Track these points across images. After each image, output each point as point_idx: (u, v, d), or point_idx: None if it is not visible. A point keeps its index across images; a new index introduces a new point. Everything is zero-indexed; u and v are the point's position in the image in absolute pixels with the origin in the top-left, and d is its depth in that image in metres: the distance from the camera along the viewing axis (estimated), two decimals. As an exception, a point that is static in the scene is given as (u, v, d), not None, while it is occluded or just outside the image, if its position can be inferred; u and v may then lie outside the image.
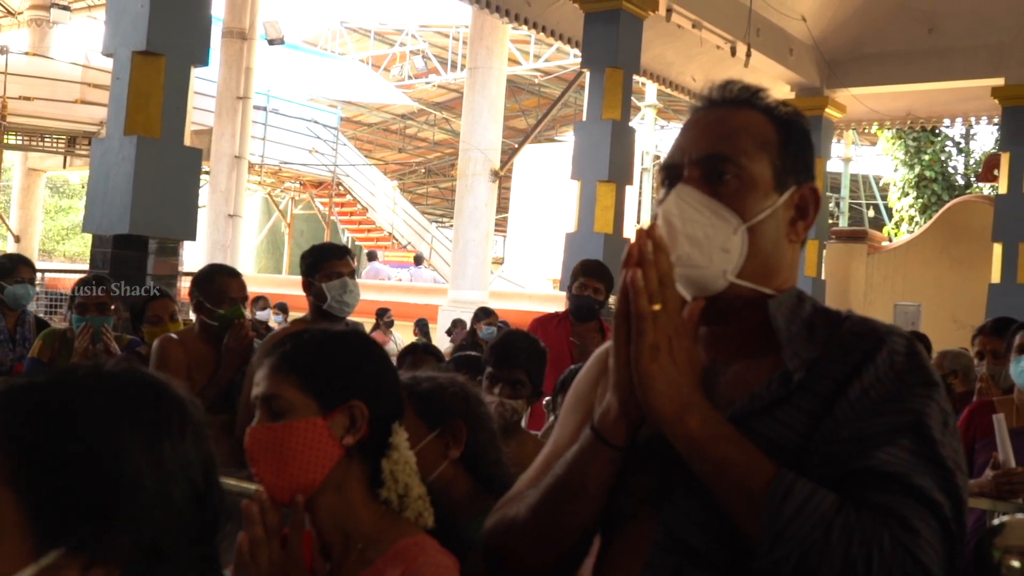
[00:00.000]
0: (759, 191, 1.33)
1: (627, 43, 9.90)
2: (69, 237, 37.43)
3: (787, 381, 1.27)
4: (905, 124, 16.00)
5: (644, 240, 1.24)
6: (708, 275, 1.31)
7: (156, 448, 0.96)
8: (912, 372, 1.24)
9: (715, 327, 1.39)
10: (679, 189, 1.34)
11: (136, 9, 6.10)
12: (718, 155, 1.34)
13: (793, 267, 1.40)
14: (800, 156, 1.39)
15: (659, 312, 1.23)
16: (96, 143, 6.44)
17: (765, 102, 1.40)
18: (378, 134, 31.65)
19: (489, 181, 14.35)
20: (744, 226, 1.32)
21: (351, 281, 3.94)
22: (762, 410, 1.27)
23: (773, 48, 12.49)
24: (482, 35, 14.51)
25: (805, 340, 1.31)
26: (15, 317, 5.12)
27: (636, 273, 1.22)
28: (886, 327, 1.29)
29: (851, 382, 1.24)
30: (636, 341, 1.23)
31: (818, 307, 1.38)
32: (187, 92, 6.36)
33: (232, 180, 16.60)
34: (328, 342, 1.69)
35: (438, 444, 2.03)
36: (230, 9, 16.63)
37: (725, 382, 1.34)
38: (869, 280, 15.06)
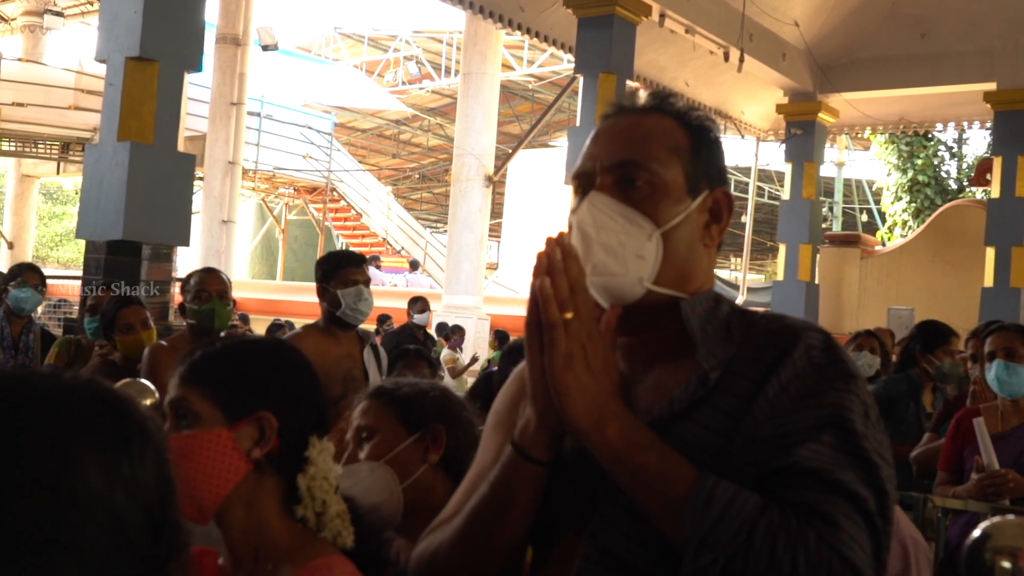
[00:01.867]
0: (672, 196, 1.32)
1: (620, 49, 9.92)
2: (63, 243, 37.37)
3: (704, 382, 1.25)
4: (898, 129, 16.05)
5: (553, 248, 1.21)
6: (625, 283, 1.30)
7: (113, 468, 0.86)
8: (830, 366, 1.22)
9: (633, 336, 1.36)
10: (592, 197, 1.32)
11: (129, 15, 6.10)
12: (629, 161, 1.32)
13: (709, 271, 1.39)
14: (712, 160, 1.38)
15: (571, 320, 1.20)
16: (90, 149, 6.45)
17: (676, 107, 1.40)
18: (372, 139, 31.66)
19: (483, 186, 14.37)
20: (658, 232, 1.30)
21: (366, 289, 3.94)
22: (681, 414, 1.24)
23: (766, 53, 12.53)
24: (476, 40, 14.53)
25: (721, 340, 1.29)
26: (21, 325, 5.09)
27: (544, 282, 1.19)
28: (802, 323, 1.28)
29: (768, 380, 1.22)
30: (549, 351, 1.20)
31: (736, 308, 1.36)
32: (180, 98, 6.37)
33: (226, 186, 16.61)
34: (238, 351, 1.63)
35: (417, 448, 2.02)
36: (224, 15, 16.64)
37: (644, 389, 1.31)
38: (863, 284, 15.09)
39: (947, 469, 4.10)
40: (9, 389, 0.86)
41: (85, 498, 0.83)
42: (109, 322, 4.36)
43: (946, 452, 4.12)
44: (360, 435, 2.06)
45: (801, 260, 14.07)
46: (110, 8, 6.31)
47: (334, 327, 3.93)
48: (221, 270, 4.42)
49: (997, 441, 3.75)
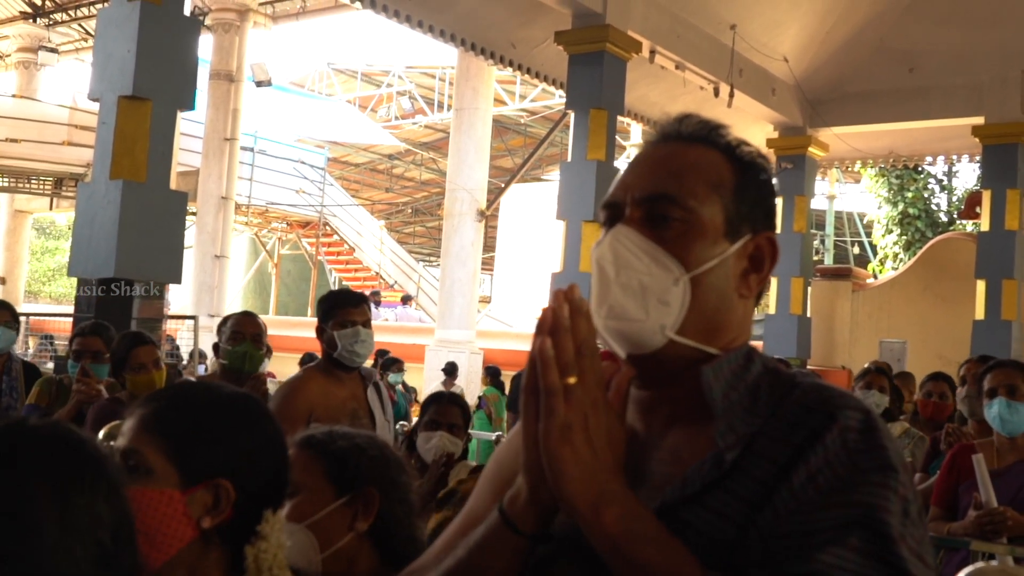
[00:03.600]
0: (707, 238, 1.18)
1: (611, 85, 9.99)
2: (55, 278, 37.32)
3: (720, 463, 1.10)
4: (888, 162, 16.15)
5: (560, 303, 1.07)
6: (644, 330, 1.15)
7: (64, 502, 0.91)
8: (867, 453, 1.05)
9: (652, 390, 1.22)
10: (616, 231, 1.18)
11: (123, 54, 6.15)
12: (663, 195, 1.18)
13: (744, 324, 1.23)
14: (759, 202, 1.24)
15: (574, 386, 1.06)
16: (82, 187, 6.47)
17: (725, 139, 1.25)
18: (365, 174, 31.76)
19: (475, 221, 14.41)
20: (687, 276, 1.16)
21: (364, 330, 3.80)
22: (693, 496, 1.10)
23: (756, 88, 12.63)
24: (468, 76, 14.63)
25: (745, 410, 1.13)
26: (1, 366, 4.96)
27: (546, 342, 1.06)
28: (841, 398, 1.11)
29: (795, 466, 1.06)
30: (545, 419, 1.06)
31: (769, 367, 1.19)
32: (173, 136, 6.41)
33: (219, 221, 16.64)
34: (210, 407, 1.48)
35: (345, 513, 1.81)
36: (218, 51, 16.74)
37: (659, 459, 1.17)
38: (854, 317, 15.13)
39: (940, 505, 4.10)
40: None
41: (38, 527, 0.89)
42: (121, 360, 4.28)
43: (940, 487, 4.12)
44: None
45: (793, 293, 14.10)
46: (103, 47, 6.35)
47: (335, 368, 3.83)
48: (257, 315, 4.45)
49: (994, 478, 3.74)
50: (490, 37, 11.24)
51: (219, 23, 16.74)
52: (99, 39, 6.47)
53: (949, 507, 4.05)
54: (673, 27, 11.00)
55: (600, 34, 9.85)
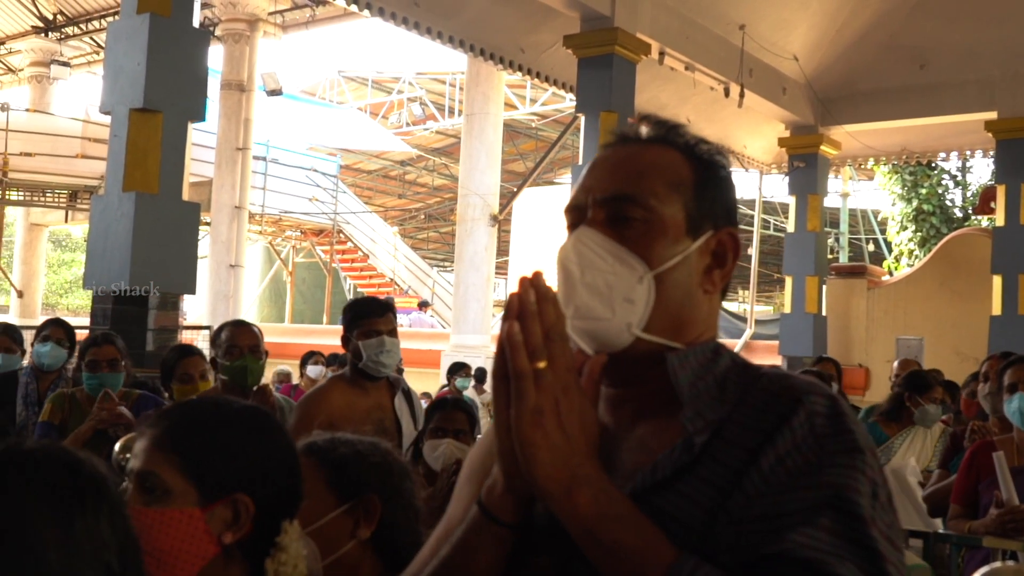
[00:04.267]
0: (669, 236, 1.20)
1: (620, 87, 9.99)
2: (72, 291, 37.51)
3: (690, 447, 1.11)
4: (901, 159, 16.09)
5: (526, 289, 1.08)
6: (611, 328, 1.17)
7: (65, 525, 0.91)
8: (834, 437, 1.07)
9: (620, 388, 1.23)
10: (579, 232, 1.20)
11: (133, 67, 6.18)
12: (624, 195, 1.20)
13: (710, 319, 1.25)
14: (718, 199, 1.26)
15: (544, 370, 1.06)
16: (95, 199, 6.51)
17: (683, 139, 1.28)
18: (378, 181, 31.83)
19: (488, 225, 14.43)
20: (651, 274, 1.18)
21: (389, 340, 3.75)
22: (664, 482, 1.11)
23: (766, 88, 12.60)
24: (478, 81, 14.65)
25: (712, 399, 1.15)
26: (49, 380, 4.96)
27: (513, 326, 1.06)
28: (806, 385, 1.12)
29: (763, 450, 1.07)
30: (516, 404, 1.07)
31: (738, 362, 1.21)
32: (184, 147, 6.44)
33: (233, 230, 16.69)
34: (222, 422, 1.47)
35: (347, 520, 1.80)
36: (228, 61, 16.80)
37: (628, 449, 1.18)
38: (870, 315, 15.07)
39: (960, 502, 4.07)
40: None
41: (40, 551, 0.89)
42: (169, 371, 4.29)
43: (959, 485, 4.08)
44: None
45: (808, 292, 14.05)
46: (114, 60, 6.39)
47: (360, 378, 3.78)
48: (251, 322, 4.32)
49: (1015, 475, 3.71)
50: (499, 42, 11.25)
51: (229, 33, 16.79)
52: (109, 52, 6.51)
53: (969, 505, 4.02)
54: (682, 28, 10.99)
55: (609, 37, 9.85)
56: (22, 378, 4.96)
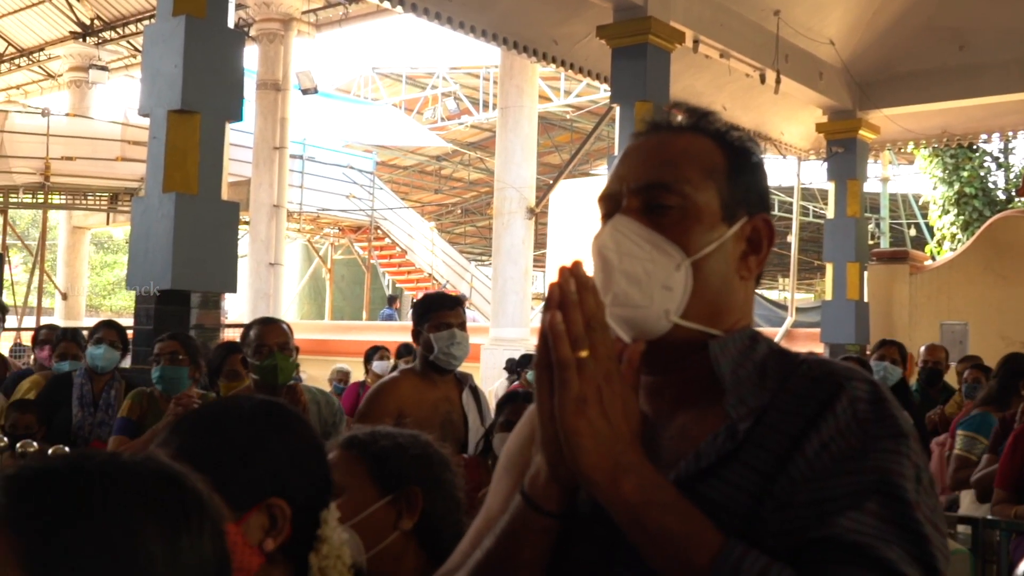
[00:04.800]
0: (704, 222, 1.21)
1: (655, 76, 9.93)
2: (115, 292, 37.99)
3: (733, 434, 1.12)
4: (941, 142, 15.88)
5: (567, 279, 1.09)
6: (649, 316, 1.18)
7: (173, 543, 0.89)
8: (878, 422, 1.08)
9: (658, 376, 1.24)
10: (616, 220, 1.21)
11: (170, 70, 6.24)
12: (659, 183, 1.21)
13: (746, 306, 1.26)
14: (752, 185, 1.26)
15: (586, 359, 1.07)
16: (136, 201, 6.58)
17: (714, 126, 1.28)
18: (414, 176, 31.90)
19: (525, 218, 14.41)
20: (688, 261, 1.18)
21: (460, 332, 3.82)
22: (708, 469, 1.11)
23: (803, 73, 12.48)
24: (512, 74, 14.63)
25: (754, 386, 1.15)
26: (104, 381, 5.03)
27: (555, 316, 1.07)
28: (847, 371, 1.13)
29: (807, 436, 1.08)
30: (559, 393, 1.07)
31: (775, 349, 1.22)
32: (222, 148, 6.48)
33: (271, 229, 16.81)
34: (238, 424, 1.39)
35: (390, 512, 1.80)
36: (263, 61, 16.91)
37: (669, 438, 1.19)
38: (913, 300, 14.89)
39: (1005, 487, 4.03)
40: (77, 469, 0.89)
41: (149, 568, 0.86)
42: (216, 368, 4.34)
43: (1004, 469, 4.04)
44: None
45: (849, 279, 13.91)
46: (151, 63, 6.45)
47: (430, 371, 3.84)
48: (280, 319, 4.32)
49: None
50: (532, 35, 11.23)
51: (264, 33, 16.90)
52: (146, 55, 6.57)
53: (1016, 489, 3.98)
54: (716, 16, 10.90)
55: (642, 26, 9.79)
56: (76, 379, 5.04)
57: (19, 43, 21.79)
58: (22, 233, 27.43)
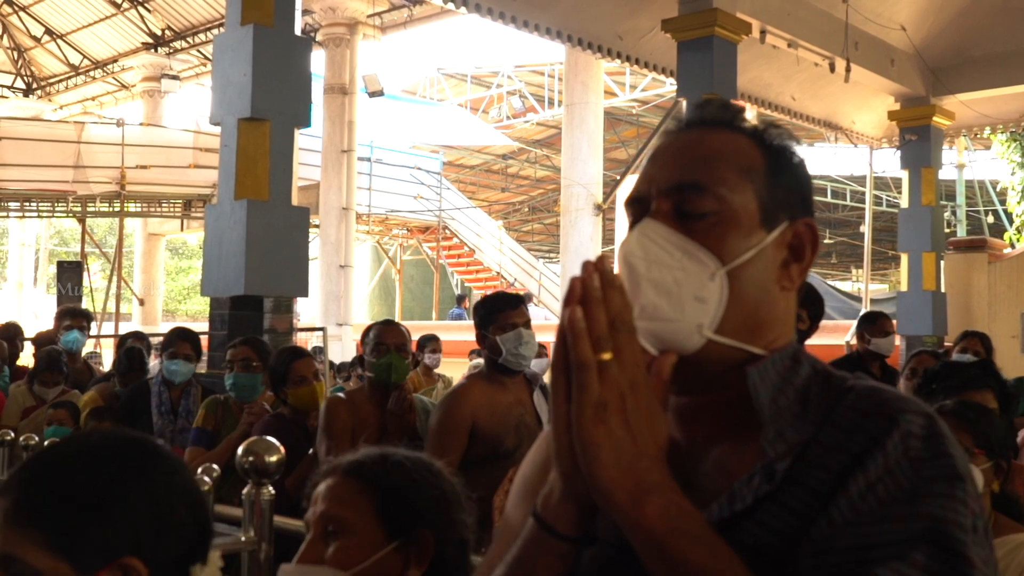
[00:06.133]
0: (742, 227, 1.09)
1: (722, 68, 9.82)
2: (190, 296, 38.73)
3: (771, 475, 1.00)
4: (1019, 126, 15.49)
5: (590, 273, 0.98)
6: (680, 330, 1.06)
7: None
8: (932, 461, 0.96)
9: (691, 397, 1.12)
10: (644, 225, 1.10)
11: (240, 78, 6.32)
12: (692, 184, 1.11)
13: (787, 320, 1.14)
14: (794, 187, 1.15)
15: (609, 362, 0.95)
16: (209, 209, 6.68)
17: (750, 124, 1.19)
18: (480, 175, 32.00)
19: (592, 215, 14.38)
20: (723, 270, 1.07)
21: (527, 332, 3.74)
22: (743, 512, 1.00)
23: (873, 60, 12.24)
24: (576, 71, 14.60)
25: (795, 416, 1.04)
26: (180, 388, 5.13)
27: (576, 312, 0.96)
28: (900, 401, 1.01)
29: (852, 474, 0.96)
30: (577, 397, 0.95)
31: (819, 369, 1.10)
32: (292, 154, 6.55)
33: (341, 231, 16.98)
34: (82, 471, 1.18)
35: (396, 560, 1.60)
36: (330, 66, 17.09)
37: (704, 473, 1.07)
38: (992, 290, 14.54)
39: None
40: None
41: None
42: (281, 375, 4.39)
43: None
44: (326, 525, 1.60)
45: (925, 269, 13.63)
46: (221, 73, 6.55)
47: (498, 374, 3.78)
48: (400, 323, 4.42)
49: None
50: (596, 31, 11.18)
51: (330, 38, 17.08)
52: (216, 64, 6.67)
53: None
54: (783, 5, 10.74)
55: (708, 18, 9.68)
56: (154, 387, 5.13)
57: (93, 56, 22.31)
58: (100, 241, 28.09)
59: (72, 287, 16.45)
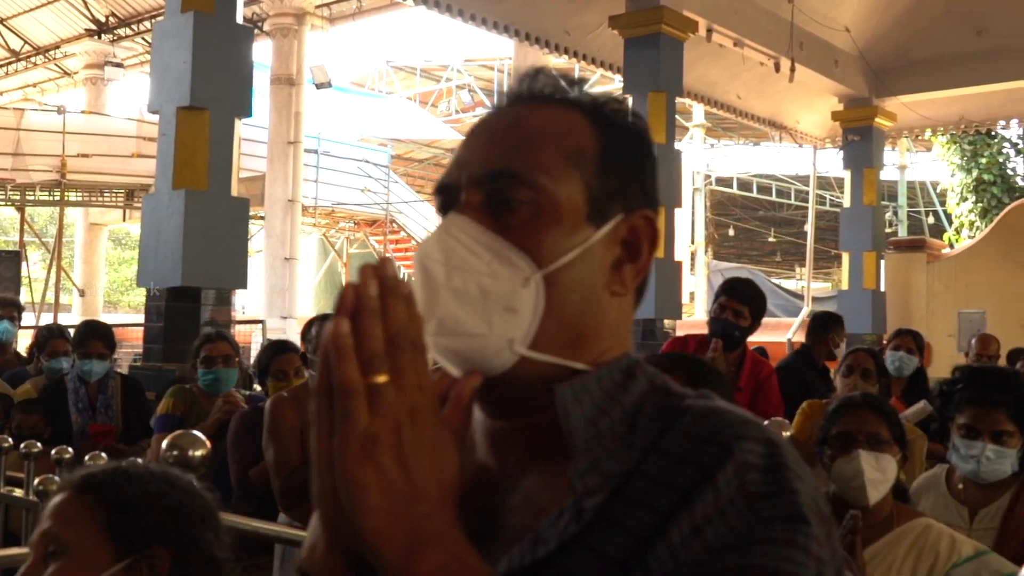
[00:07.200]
0: (564, 223, 0.91)
1: (668, 66, 9.88)
2: (133, 288, 38.17)
3: (580, 513, 0.83)
4: (959, 128, 15.77)
5: (367, 280, 0.78)
6: (487, 346, 0.88)
7: None
8: (771, 499, 0.79)
9: (505, 420, 0.94)
10: (449, 221, 0.92)
11: (179, 66, 6.24)
12: (504, 171, 0.91)
13: (620, 329, 0.96)
14: (632, 174, 0.97)
15: (383, 386, 0.76)
16: (147, 198, 6.60)
17: (587, 97, 0.99)
18: (429, 169, 31.89)
19: (540, 211, 14.39)
20: (539, 274, 0.89)
21: None
22: (548, 559, 0.83)
23: (818, 61, 12.39)
24: (525, 66, 14.58)
25: (617, 444, 0.86)
26: (96, 384, 5.05)
27: (341, 326, 0.76)
28: (741, 426, 0.84)
29: (677, 516, 0.80)
30: (340, 430, 0.76)
31: (658, 386, 0.92)
32: (232, 144, 6.48)
33: (287, 224, 16.82)
34: None
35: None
36: (277, 56, 16.92)
37: (512, 507, 0.89)
38: (931, 289, 14.79)
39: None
40: None
41: None
42: (264, 369, 4.40)
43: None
44: (47, 546, 1.44)
45: (866, 268, 13.84)
46: (161, 60, 6.46)
47: None
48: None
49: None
50: (544, 26, 11.18)
51: (277, 28, 16.90)
52: (156, 52, 6.59)
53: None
54: (730, 4, 10.83)
55: (655, 16, 9.73)
56: (69, 384, 5.03)
57: (35, 41, 21.87)
58: (40, 230, 27.60)
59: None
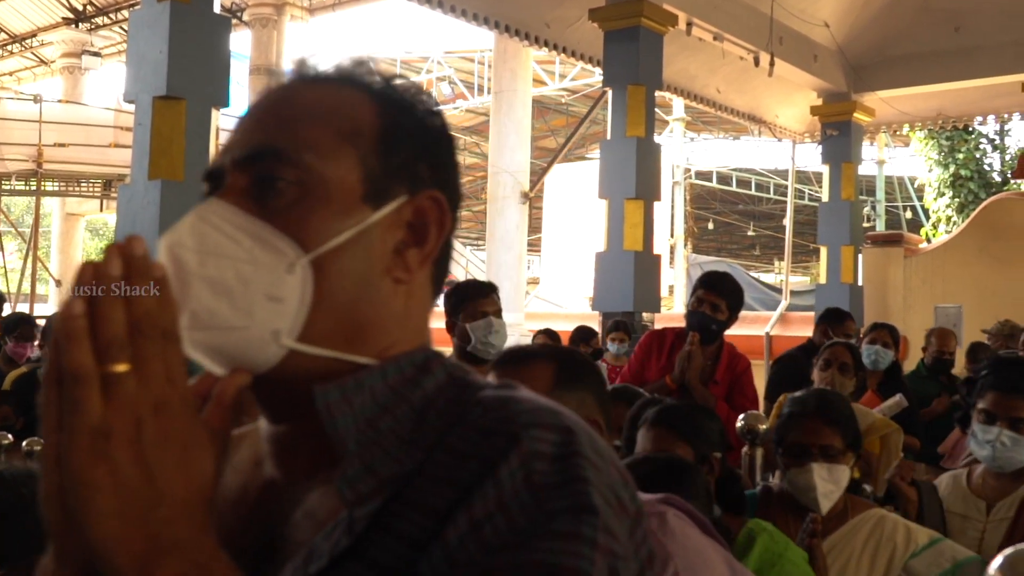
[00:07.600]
0: (334, 204, 0.84)
1: (648, 59, 9.88)
2: (111, 278, 38.00)
3: (352, 525, 0.76)
4: (936, 124, 15.84)
5: (110, 260, 0.69)
6: (249, 340, 0.80)
7: None
8: (559, 489, 0.72)
9: (285, 424, 0.86)
10: (205, 206, 0.83)
11: (155, 55, 6.19)
12: (268, 150, 0.85)
13: (409, 320, 0.88)
14: (421, 152, 0.90)
15: (122, 375, 0.67)
16: (122, 189, 6.55)
17: (374, 79, 0.91)
18: (409, 161, 31.88)
19: (519, 203, 14.37)
20: (305, 258, 0.82)
21: (497, 320, 3.68)
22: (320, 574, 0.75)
23: (797, 56, 12.42)
24: (505, 58, 14.57)
25: (398, 444, 0.79)
26: None
27: (73, 308, 0.67)
28: (533, 413, 0.77)
29: (454, 515, 0.72)
30: (68, 422, 0.67)
31: (456, 378, 0.85)
32: (209, 134, 6.44)
33: (265, 215, 16.76)
34: None
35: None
36: (257, 47, 16.85)
37: (296, 521, 0.82)
38: (907, 284, 14.86)
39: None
40: None
41: None
42: None
43: None
44: None
45: (843, 262, 13.91)
46: (137, 50, 6.41)
47: (467, 362, 3.71)
48: None
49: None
50: (524, 18, 11.15)
51: (257, 18, 16.83)
52: (132, 41, 6.54)
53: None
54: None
55: (635, 9, 9.73)
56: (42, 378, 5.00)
57: (11, 29, 21.69)
58: (16, 220, 27.38)
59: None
